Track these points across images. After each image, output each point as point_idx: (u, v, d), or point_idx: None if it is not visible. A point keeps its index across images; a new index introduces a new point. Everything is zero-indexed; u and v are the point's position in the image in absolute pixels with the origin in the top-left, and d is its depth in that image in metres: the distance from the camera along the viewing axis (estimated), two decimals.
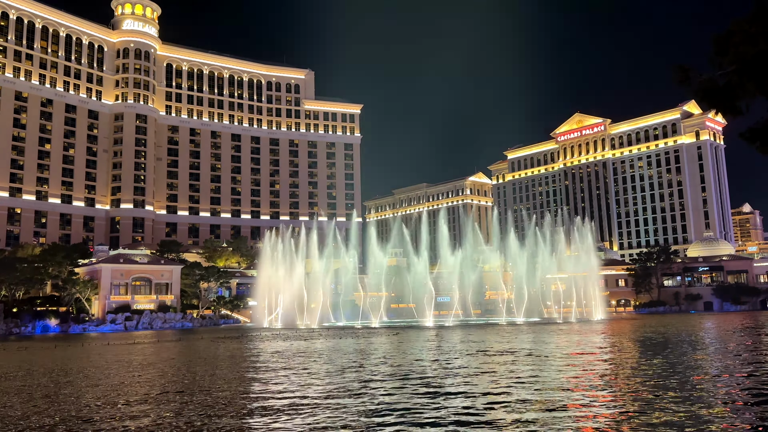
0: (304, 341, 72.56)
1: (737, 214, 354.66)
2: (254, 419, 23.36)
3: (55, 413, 25.40)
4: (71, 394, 31.16)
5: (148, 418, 24.02)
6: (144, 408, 26.39)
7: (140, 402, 28.04)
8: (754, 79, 14.07)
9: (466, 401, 25.92)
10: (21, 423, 23.42)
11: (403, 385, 31.43)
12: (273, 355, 52.60)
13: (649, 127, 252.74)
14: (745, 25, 14.07)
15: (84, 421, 23.53)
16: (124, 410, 25.90)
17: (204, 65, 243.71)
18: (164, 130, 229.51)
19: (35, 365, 49.04)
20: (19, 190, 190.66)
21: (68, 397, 30.03)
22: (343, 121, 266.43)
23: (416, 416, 22.94)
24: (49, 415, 25.06)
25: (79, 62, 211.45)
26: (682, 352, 46.70)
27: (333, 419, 22.83)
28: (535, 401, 25.51)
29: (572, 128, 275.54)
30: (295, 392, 30.00)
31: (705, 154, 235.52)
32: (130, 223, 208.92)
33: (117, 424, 22.93)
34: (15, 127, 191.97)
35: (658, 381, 30.71)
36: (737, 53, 14.06)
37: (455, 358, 45.68)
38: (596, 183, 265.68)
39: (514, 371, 36.07)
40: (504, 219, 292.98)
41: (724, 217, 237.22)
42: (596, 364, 39.91)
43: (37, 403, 28.42)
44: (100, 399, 29.17)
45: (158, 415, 24.68)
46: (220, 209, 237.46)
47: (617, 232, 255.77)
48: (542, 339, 66.83)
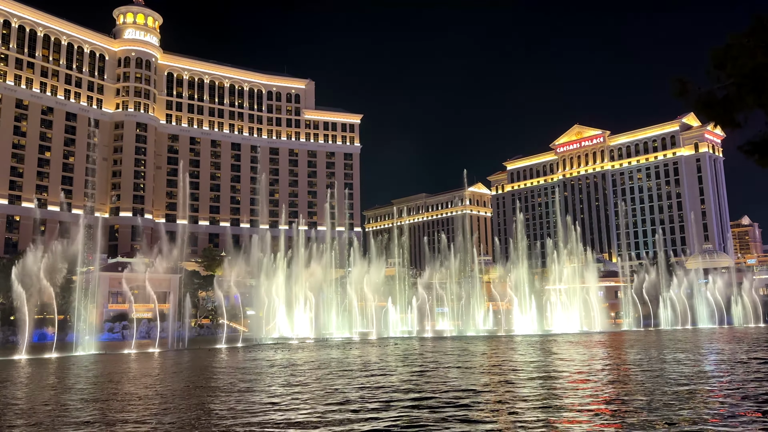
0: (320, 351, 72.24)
1: (736, 227, 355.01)
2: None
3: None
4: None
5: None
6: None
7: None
8: (753, 92, 14.09)
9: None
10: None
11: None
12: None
13: (648, 139, 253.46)
14: (743, 39, 14.12)
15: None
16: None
17: (205, 74, 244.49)
18: (164, 139, 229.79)
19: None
20: (19, 198, 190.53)
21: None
22: (342, 131, 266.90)
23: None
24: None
25: (81, 71, 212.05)
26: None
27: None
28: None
29: (571, 140, 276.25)
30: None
31: (704, 167, 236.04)
32: (128, 232, 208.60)
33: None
34: (15, 134, 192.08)
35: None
36: (735, 66, 14.09)
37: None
38: (595, 194, 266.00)
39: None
40: (503, 230, 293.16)
41: (722, 229, 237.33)
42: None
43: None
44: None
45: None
46: (219, 218, 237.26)
47: (616, 243, 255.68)
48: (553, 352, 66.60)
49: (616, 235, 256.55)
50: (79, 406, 30.82)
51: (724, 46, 14.40)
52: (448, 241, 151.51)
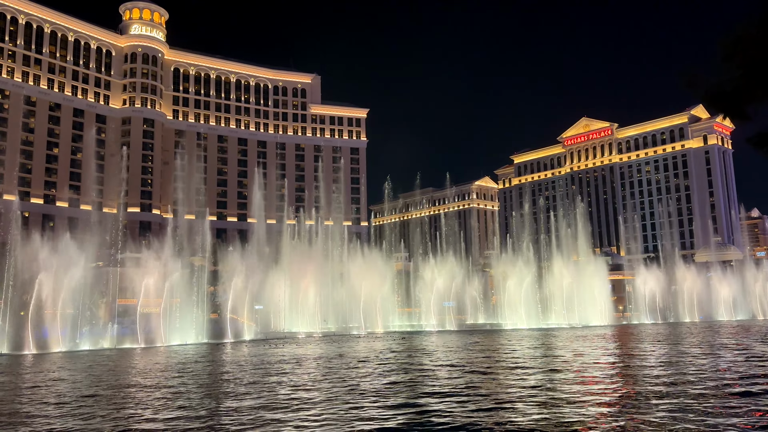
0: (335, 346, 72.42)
1: (746, 219, 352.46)
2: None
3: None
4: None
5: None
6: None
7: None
8: (763, 83, 13.93)
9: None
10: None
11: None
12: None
13: (656, 131, 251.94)
14: (752, 30, 13.92)
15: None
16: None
17: (211, 70, 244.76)
18: (171, 135, 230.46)
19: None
20: (27, 194, 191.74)
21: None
22: (349, 126, 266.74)
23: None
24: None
25: (87, 67, 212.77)
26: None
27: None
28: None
29: (579, 133, 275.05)
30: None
31: (713, 159, 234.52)
32: (136, 227, 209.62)
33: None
34: (23, 131, 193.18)
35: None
36: (745, 58, 13.91)
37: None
38: (603, 188, 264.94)
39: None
40: (510, 223, 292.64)
41: (732, 222, 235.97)
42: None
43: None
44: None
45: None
46: (226, 213, 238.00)
47: (624, 236, 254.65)
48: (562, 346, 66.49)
49: (624, 228, 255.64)
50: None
51: (734, 37, 14.22)
52: (455, 234, 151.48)
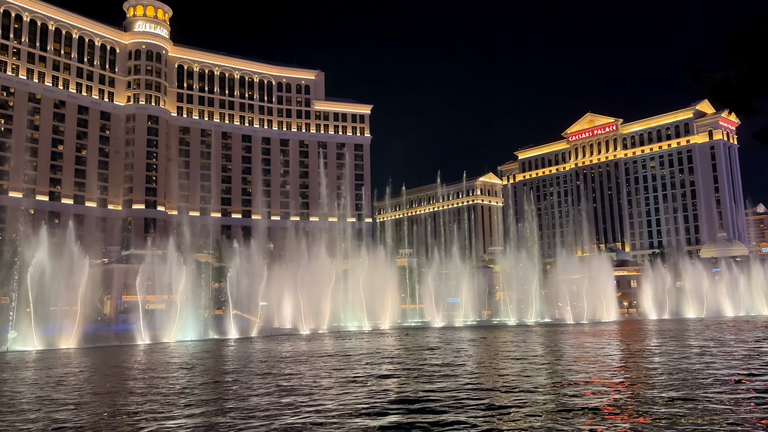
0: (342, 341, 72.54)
1: (751, 215, 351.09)
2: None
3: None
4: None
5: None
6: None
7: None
8: None
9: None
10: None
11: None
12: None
13: (661, 127, 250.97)
14: (758, 24, 13.86)
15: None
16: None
17: (215, 66, 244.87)
18: (175, 131, 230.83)
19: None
20: (33, 191, 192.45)
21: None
22: (353, 122, 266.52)
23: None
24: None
25: (92, 64, 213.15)
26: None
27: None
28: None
29: (584, 128, 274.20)
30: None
31: (718, 154, 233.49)
32: (141, 224, 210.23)
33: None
34: (28, 128, 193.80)
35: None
36: (751, 52, 13.86)
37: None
38: (608, 183, 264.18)
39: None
40: (514, 219, 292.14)
41: (737, 217, 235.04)
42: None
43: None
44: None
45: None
46: (230, 210, 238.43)
47: (629, 232, 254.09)
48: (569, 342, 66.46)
49: (629, 224, 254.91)
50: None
51: (740, 31, 14.16)
52: (459, 231, 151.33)
